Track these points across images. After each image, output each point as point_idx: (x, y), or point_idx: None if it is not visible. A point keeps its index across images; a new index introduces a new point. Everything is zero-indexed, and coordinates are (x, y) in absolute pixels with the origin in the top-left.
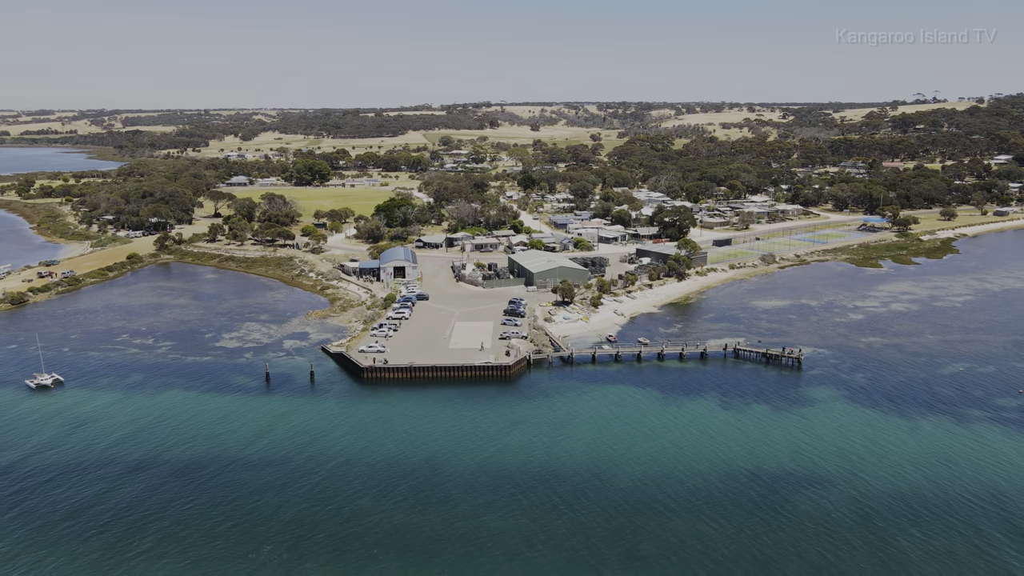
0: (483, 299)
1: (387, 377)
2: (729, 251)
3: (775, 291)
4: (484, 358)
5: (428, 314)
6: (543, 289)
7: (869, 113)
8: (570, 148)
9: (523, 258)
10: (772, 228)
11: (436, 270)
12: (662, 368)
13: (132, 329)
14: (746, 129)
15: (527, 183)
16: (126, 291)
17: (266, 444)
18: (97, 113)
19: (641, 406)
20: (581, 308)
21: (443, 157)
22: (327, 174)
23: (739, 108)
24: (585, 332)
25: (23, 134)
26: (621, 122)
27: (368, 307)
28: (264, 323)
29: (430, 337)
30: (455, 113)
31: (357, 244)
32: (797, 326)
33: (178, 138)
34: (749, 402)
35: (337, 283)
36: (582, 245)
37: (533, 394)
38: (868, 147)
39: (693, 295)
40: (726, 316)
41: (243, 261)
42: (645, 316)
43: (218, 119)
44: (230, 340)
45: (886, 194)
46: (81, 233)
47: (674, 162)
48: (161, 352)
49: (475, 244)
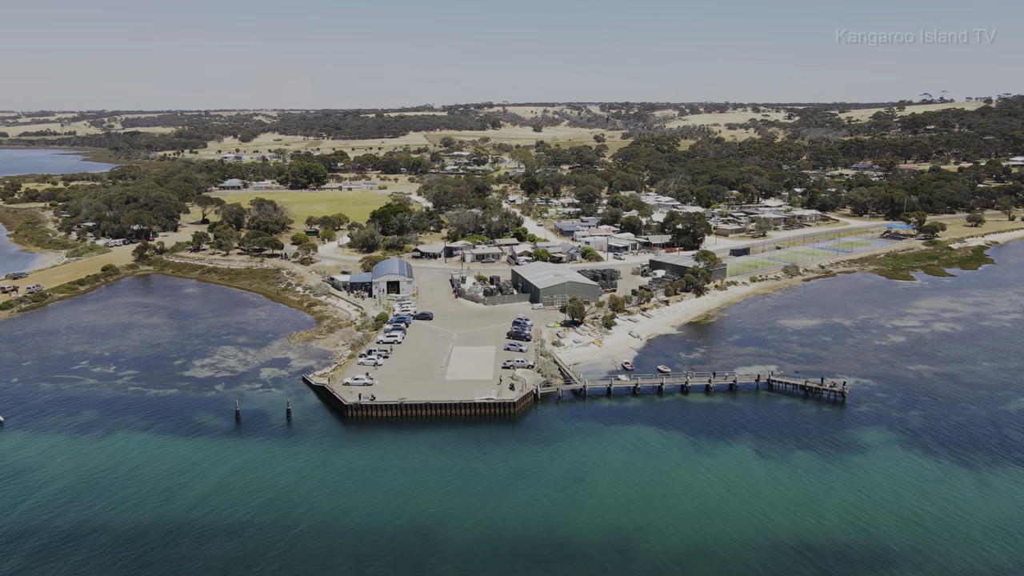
0: (484, 318)
1: (374, 416)
2: (748, 261)
3: (803, 308)
4: (485, 393)
5: (423, 337)
6: (550, 306)
7: (876, 113)
8: (573, 149)
9: (528, 271)
10: (791, 235)
11: (433, 284)
12: (686, 403)
13: (94, 354)
14: (752, 130)
15: (531, 187)
16: (96, 308)
17: (224, 503)
18: (97, 114)
19: (665, 454)
20: (592, 329)
21: (444, 159)
22: (323, 177)
23: (743, 108)
24: (598, 358)
25: (21, 135)
26: (624, 123)
27: (358, 327)
28: (242, 347)
29: (424, 365)
30: (456, 114)
31: (350, 253)
32: (833, 350)
33: (176, 139)
34: (789, 448)
35: (326, 299)
36: (590, 255)
37: (540, 437)
38: (879, 148)
39: (714, 312)
40: (753, 338)
41: (227, 273)
42: (663, 338)
43: (218, 120)
44: (201, 368)
45: (908, 198)
46: (59, 241)
47: (682, 164)
48: (122, 383)
49: (476, 254)
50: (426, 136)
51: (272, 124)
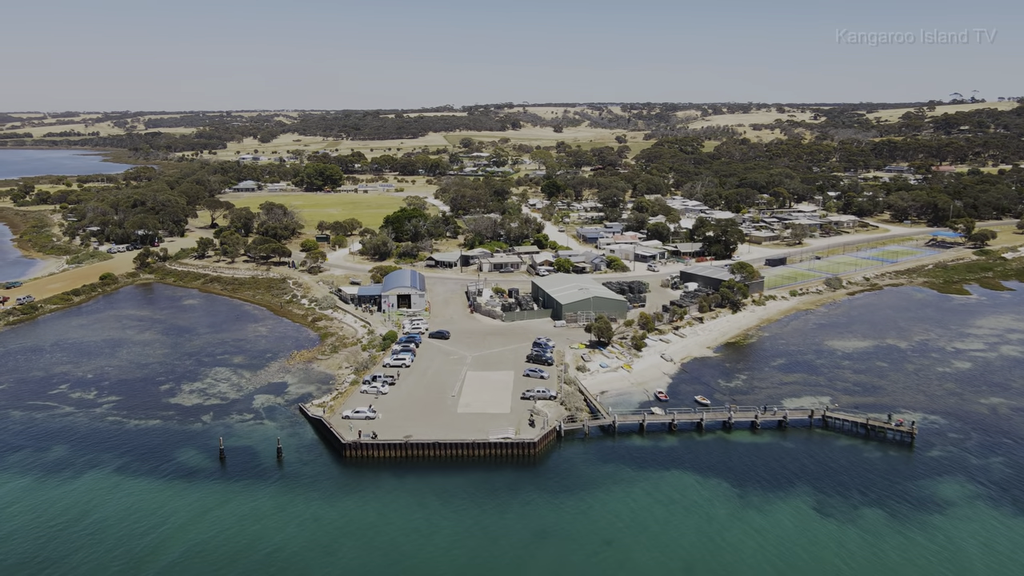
0: (501, 337)
1: (375, 456)
2: (785, 272)
3: (851, 326)
4: (501, 431)
5: (434, 359)
6: (573, 324)
7: (906, 114)
8: (595, 150)
9: (549, 284)
10: (829, 243)
11: (448, 297)
12: (730, 443)
13: (76, 376)
14: (778, 130)
15: (551, 190)
16: (87, 322)
17: (196, 572)
18: (121, 115)
19: (710, 510)
20: (621, 351)
21: (463, 160)
22: (339, 179)
23: (767, 109)
24: (628, 386)
25: (46, 136)
26: (646, 123)
27: (364, 347)
28: (236, 369)
29: (434, 394)
30: (476, 114)
31: (361, 261)
32: (891, 378)
33: (196, 140)
34: (854, 503)
35: (332, 313)
36: (616, 265)
37: (564, 485)
38: (912, 149)
39: (752, 331)
40: (799, 363)
41: (230, 283)
42: (698, 362)
43: (239, 121)
44: (189, 394)
45: (952, 203)
46: (61, 247)
47: (707, 166)
48: (100, 412)
49: (493, 263)
50: (445, 137)
51: (292, 125)
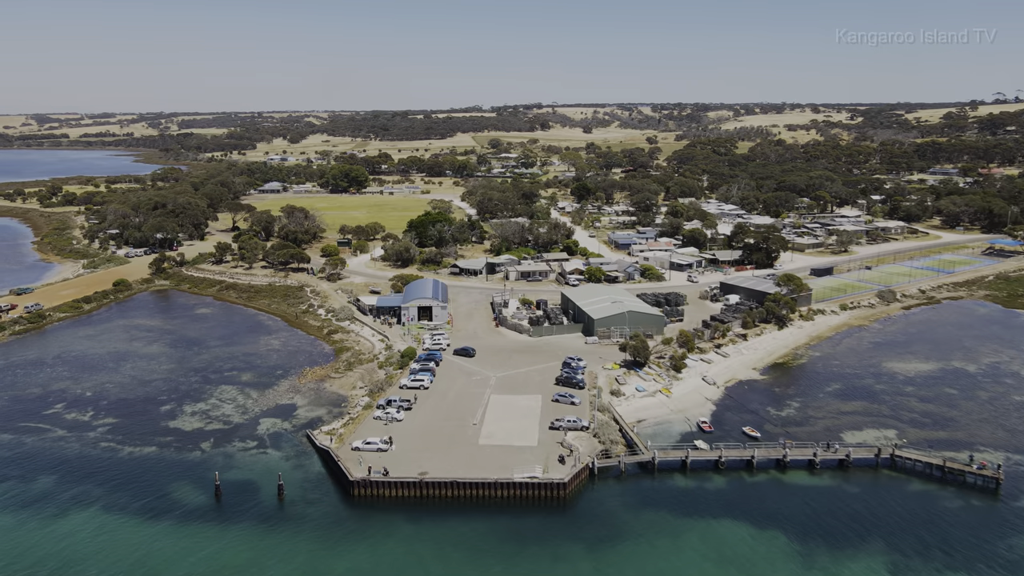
0: (529, 355)
1: (386, 496)
2: (833, 284)
3: (910, 346)
4: (527, 468)
5: (455, 379)
6: (606, 340)
7: (947, 114)
8: (625, 151)
9: (580, 295)
10: (878, 251)
11: (472, 308)
12: (785, 485)
13: (74, 394)
14: (814, 131)
15: (581, 193)
16: (95, 332)
17: None
18: (155, 116)
19: (768, 573)
20: (659, 372)
21: (491, 161)
22: (364, 181)
23: (801, 109)
24: (667, 413)
25: (82, 136)
26: (677, 124)
27: (380, 364)
28: (244, 387)
29: (454, 421)
30: (505, 115)
31: (383, 268)
32: (963, 408)
33: (226, 141)
34: (937, 568)
35: (348, 325)
36: (650, 274)
37: (598, 535)
38: (957, 151)
39: (802, 350)
40: (857, 388)
41: (246, 290)
42: (744, 385)
43: (270, 122)
44: (191, 416)
45: (1008, 209)
46: (80, 250)
47: (743, 168)
48: (94, 436)
49: (521, 272)
50: (474, 137)
51: (322, 125)
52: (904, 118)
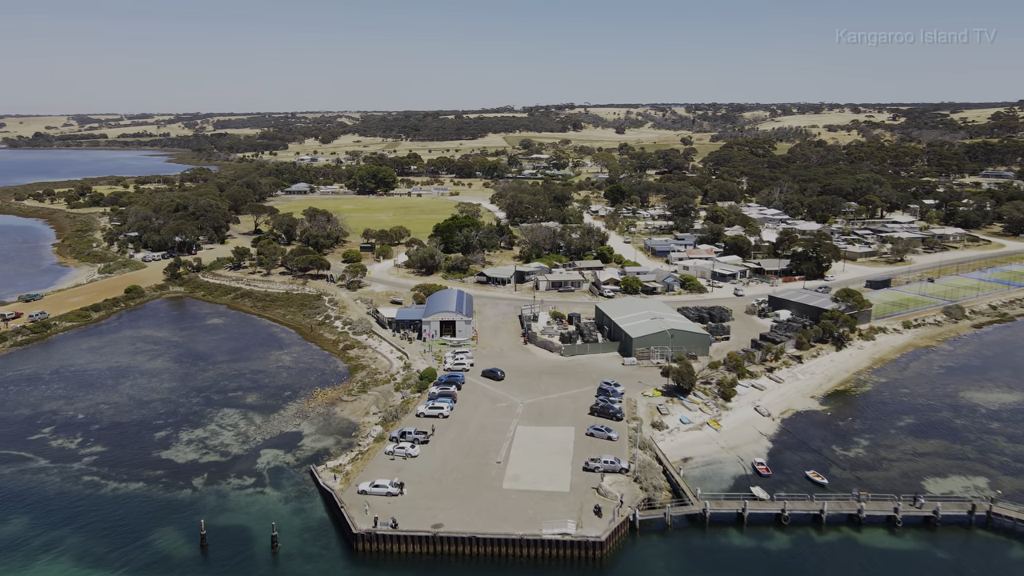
0: (560, 378)
1: (395, 551)
2: (892, 297)
3: (988, 372)
4: (558, 522)
5: (478, 406)
6: (645, 361)
7: (995, 114)
8: (660, 152)
9: (616, 309)
10: (938, 261)
11: (499, 322)
12: (861, 546)
13: (65, 417)
14: (855, 132)
15: (615, 195)
16: (99, 344)
17: None
18: (192, 116)
19: None
20: (705, 400)
21: (521, 162)
22: (392, 182)
23: (840, 109)
24: (717, 451)
25: (119, 137)
26: (712, 124)
27: (397, 386)
28: (247, 411)
29: (475, 459)
30: (537, 115)
31: (406, 275)
32: None
33: (259, 141)
34: None
35: (366, 339)
36: (691, 285)
37: None
38: (1011, 152)
39: (864, 375)
40: (933, 423)
41: (262, 299)
42: (803, 417)
43: (303, 122)
44: (186, 446)
45: None
46: (98, 254)
47: (783, 170)
48: (79, 468)
49: (552, 281)
50: (505, 138)
51: (354, 126)
52: (949, 118)
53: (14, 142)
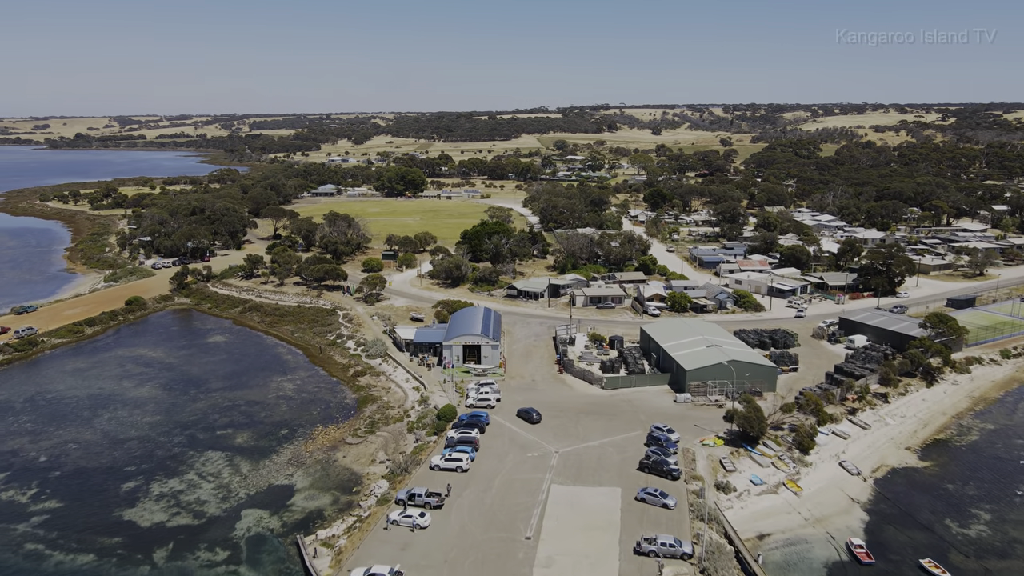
0: (602, 418)
1: None
2: (981, 320)
3: None
4: None
5: (504, 457)
6: (701, 398)
7: None
8: (699, 154)
9: (664, 333)
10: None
11: (530, 345)
12: None
13: (25, 459)
14: (904, 132)
15: (655, 199)
16: (86, 365)
17: None
18: (228, 117)
19: None
20: (778, 451)
21: (555, 164)
22: (421, 184)
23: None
24: (800, 524)
25: (157, 138)
26: (751, 125)
27: (411, 425)
28: (234, 455)
29: (498, 532)
30: (571, 116)
31: (429, 287)
32: None
33: (292, 142)
34: None
35: (380, 364)
36: (747, 302)
37: None
38: None
39: (965, 418)
40: None
41: (271, 313)
42: (900, 476)
43: (337, 123)
44: (155, 503)
45: None
46: (108, 259)
47: (833, 172)
48: (24, 531)
49: (590, 296)
50: (539, 139)
51: (387, 126)
52: (1003, 118)
53: (55, 143)
